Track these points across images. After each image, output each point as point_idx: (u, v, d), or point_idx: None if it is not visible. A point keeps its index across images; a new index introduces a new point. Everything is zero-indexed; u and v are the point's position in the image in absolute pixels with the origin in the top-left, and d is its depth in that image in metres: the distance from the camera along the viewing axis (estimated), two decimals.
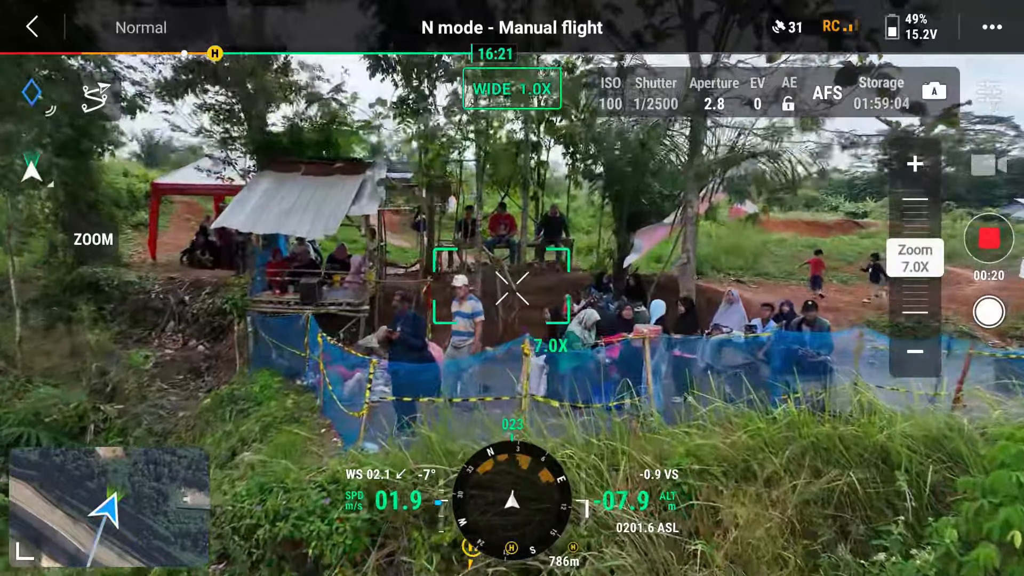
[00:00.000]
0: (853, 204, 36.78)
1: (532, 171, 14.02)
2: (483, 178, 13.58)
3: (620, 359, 8.09)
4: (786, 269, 18.70)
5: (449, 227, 14.59)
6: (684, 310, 8.52)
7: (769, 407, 6.79)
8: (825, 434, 6.05)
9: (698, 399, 7.26)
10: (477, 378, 8.01)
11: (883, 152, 47.90)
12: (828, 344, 7.88)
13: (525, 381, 6.85)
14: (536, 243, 14.06)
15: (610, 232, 13.39)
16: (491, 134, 13.15)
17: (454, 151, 12.71)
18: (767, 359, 8.40)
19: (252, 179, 11.79)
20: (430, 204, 12.90)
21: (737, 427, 6.19)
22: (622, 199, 12.21)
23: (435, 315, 10.89)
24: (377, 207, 11.23)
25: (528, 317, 11.23)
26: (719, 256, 18.73)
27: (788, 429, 6.07)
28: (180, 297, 13.59)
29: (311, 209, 10.85)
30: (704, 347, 8.51)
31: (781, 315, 9.06)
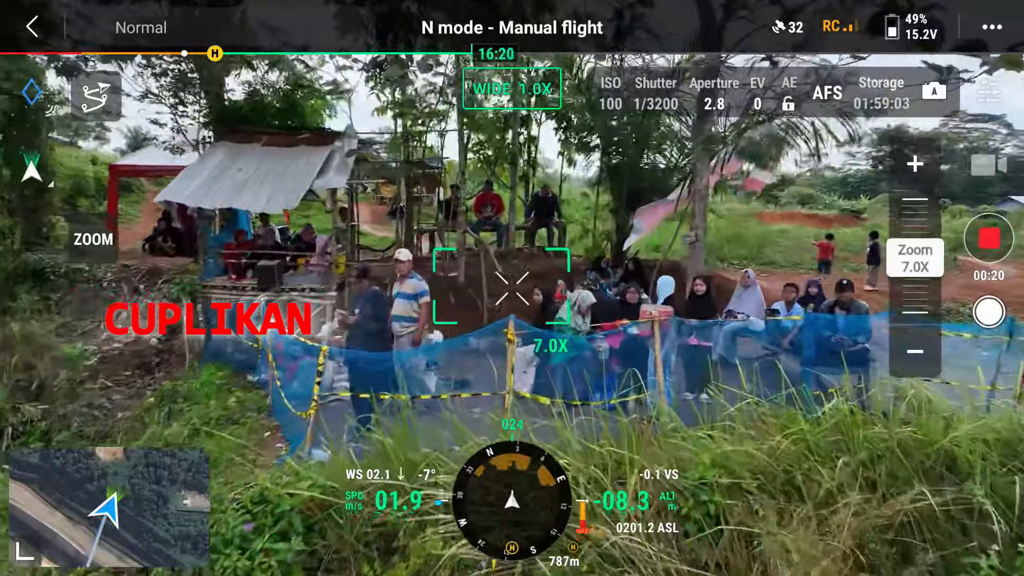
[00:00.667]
0: (848, 201, 36.22)
1: (522, 147, 12.80)
2: (466, 154, 12.38)
3: (622, 349, 6.89)
4: (793, 259, 17.62)
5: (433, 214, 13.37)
6: (700, 290, 7.22)
7: (802, 406, 5.65)
8: (879, 438, 4.86)
9: (717, 396, 6.12)
10: (451, 372, 6.78)
11: (876, 149, 47.55)
12: (867, 330, 6.69)
13: (509, 374, 5.64)
14: (526, 225, 12.83)
15: (607, 212, 12.17)
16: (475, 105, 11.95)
17: (435, 122, 11.47)
18: (793, 348, 7.21)
19: (207, 150, 10.50)
20: (407, 177, 11.61)
21: (772, 429, 4.99)
22: (620, 174, 10.99)
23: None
24: (346, 180, 9.97)
25: (516, 307, 10.06)
26: (722, 245, 17.64)
27: (836, 432, 4.87)
28: (134, 286, 12.35)
29: (269, 182, 9.59)
30: (717, 336, 7.31)
31: (808, 297, 7.86)
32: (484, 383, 6.53)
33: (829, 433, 4.82)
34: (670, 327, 6.22)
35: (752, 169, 10.31)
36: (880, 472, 4.65)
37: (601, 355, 6.76)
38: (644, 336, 6.33)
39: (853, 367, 6.84)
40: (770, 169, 10.45)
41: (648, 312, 5.96)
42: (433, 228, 12.60)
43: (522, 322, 5.90)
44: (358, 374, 5.75)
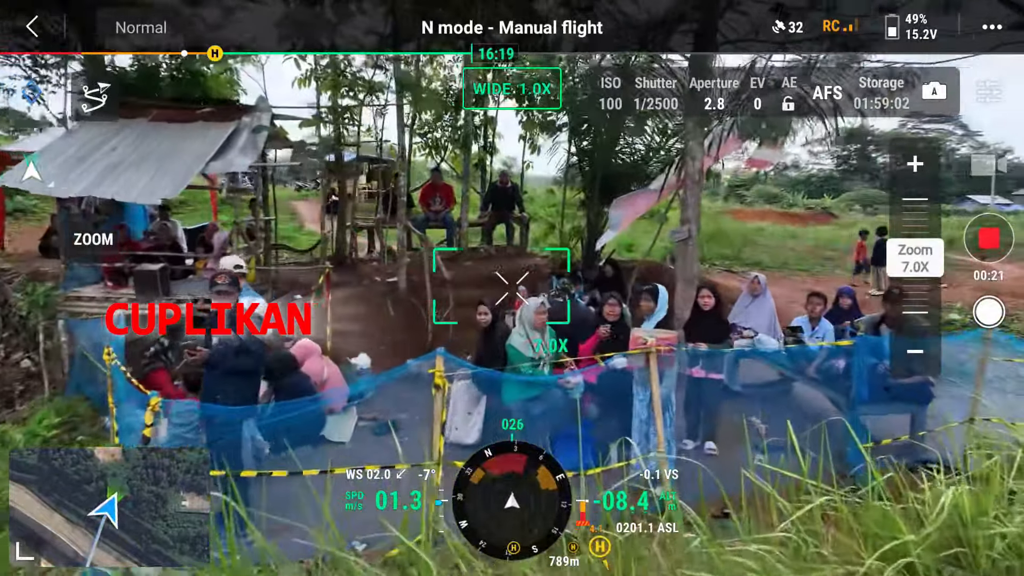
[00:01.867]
0: (812, 200, 35.67)
1: (477, 129, 10.89)
2: (410, 136, 10.44)
3: (601, 384, 5.03)
4: (781, 259, 16.07)
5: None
6: (708, 305, 5.32)
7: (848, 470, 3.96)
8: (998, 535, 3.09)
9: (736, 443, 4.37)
10: (377, 410, 4.86)
11: (842, 148, 47.46)
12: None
13: (437, 437, 3.74)
14: (481, 221, 10.91)
15: (575, 206, 10.33)
16: (421, 80, 10.03)
17: (370, 96, 9.49)
18: (825, 378, 5.45)
19: (76, 126, 8.36)
20: (335, 156, 9.59)
21: (840, 521, 3.21)
22: (593, 158, 9.15)
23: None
24: (251, 162, 7.94)
25: (468, 317, 8.19)
26: (700, 243, 16.01)
27: (946, 528, 3.10)
28: (4, 296, 10.15)
29: (150, 164, 7.52)
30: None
31: (839, 312, 6.08)
32: (421, 423, 4.67)
33: (938, 532, 3.05)
34: (675, 360, 4.38)
35: (756, 148, 8.59)
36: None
37: (572, 393, 4.90)
38: (629, 371, 4.49)
39: (907, 405, 5.15)
40: (779, 146, 8.73)
41: (641, 339, 4.12)
42: (370, 224, 10.61)
43: (455, 358, 3.99)
44: (210, 438, 3.79)
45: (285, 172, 20.51)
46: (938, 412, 5.14)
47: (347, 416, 6.16)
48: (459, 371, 5.40)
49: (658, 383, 4.16)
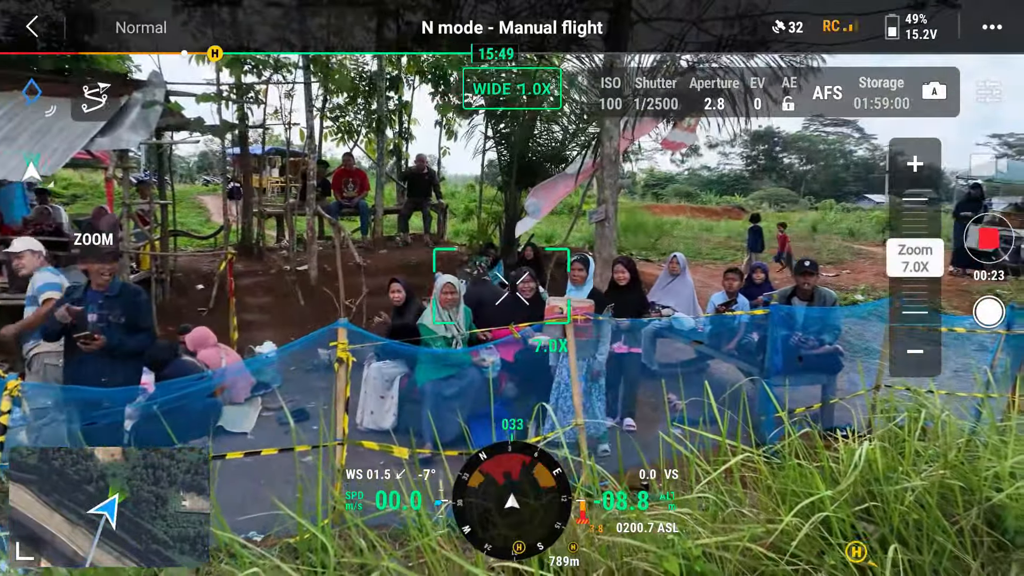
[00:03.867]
0: (724, 199, 37.18)
1: (391, 113, 10.53)
2: (320, 119, 10.00)
3: (517, 363, 4.86)
4: (694, 249, 16.45)
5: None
6: (623, 279, 5.25)
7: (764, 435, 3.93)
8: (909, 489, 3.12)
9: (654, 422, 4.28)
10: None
11: (750, 149, 49.20)
12: (836, 327, 5.07)
13: (340, 412, 3.46)
14: (397, 208, 10.57)
15: (493, 191, 10.15)
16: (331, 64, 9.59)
17: (275, 74, 9.00)
18: (741, 352, 5.49)
19: None
20: (240, 136, 9.03)
21: (760, 489, 3.15)
22: (510, 141, 8.99)
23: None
24: (142, 139, 7.33)
25: (382, 304, 7.85)
26: (618, 234, 16.17)
27: (860, 485, 3.10)
28: None
29: (21, 141, 6.82)
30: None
31: (752, 286, 6.18)
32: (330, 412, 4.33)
33: (850, 487, 3.04)
34: (594, 330, 4.25)
35: (670, 130, 8.65)
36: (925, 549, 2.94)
37: (488, 372, 4.70)
38: (544, 347, 4.33)
39: (818, 375, 5.25)
40: (692, 128, 8.81)
41: (556, 308, 3.96)
42: (279, 211, 10.07)
43: (359, 328, 3.71)
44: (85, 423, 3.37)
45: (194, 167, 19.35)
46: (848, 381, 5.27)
47: (249, 406, 5.75)
48: (369, 354, 5.14)
49: (577, 353, 4.02)
